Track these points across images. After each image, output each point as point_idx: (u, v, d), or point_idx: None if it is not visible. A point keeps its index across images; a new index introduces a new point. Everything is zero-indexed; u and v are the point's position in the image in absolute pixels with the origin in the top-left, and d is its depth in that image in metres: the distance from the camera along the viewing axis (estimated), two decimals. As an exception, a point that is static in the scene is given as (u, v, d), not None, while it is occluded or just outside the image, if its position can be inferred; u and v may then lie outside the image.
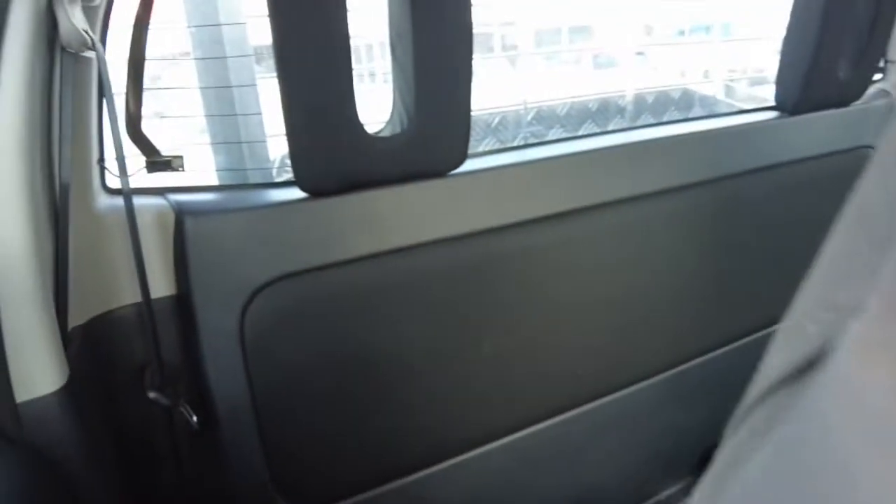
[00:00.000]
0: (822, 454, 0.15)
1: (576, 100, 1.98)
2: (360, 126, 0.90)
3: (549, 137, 1.60)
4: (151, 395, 0.90)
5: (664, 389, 1.39)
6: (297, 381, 0.99)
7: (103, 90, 0.81)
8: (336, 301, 0.98)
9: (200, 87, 1.09)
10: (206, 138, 1.11)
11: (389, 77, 0.96)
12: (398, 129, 0.95)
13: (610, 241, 1.21)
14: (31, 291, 0.70)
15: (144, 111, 0.89)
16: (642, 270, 1.27)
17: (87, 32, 0.73)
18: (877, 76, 1.57)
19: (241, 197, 0.96)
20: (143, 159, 0.88)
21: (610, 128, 1.65)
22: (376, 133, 0.97)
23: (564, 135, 1.72)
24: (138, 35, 0.84)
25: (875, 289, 0.15)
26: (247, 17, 1.11)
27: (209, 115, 1.10)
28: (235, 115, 1.09)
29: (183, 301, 0.91)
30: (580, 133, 1.61)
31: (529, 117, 1.84)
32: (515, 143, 1.68)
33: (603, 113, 2.02)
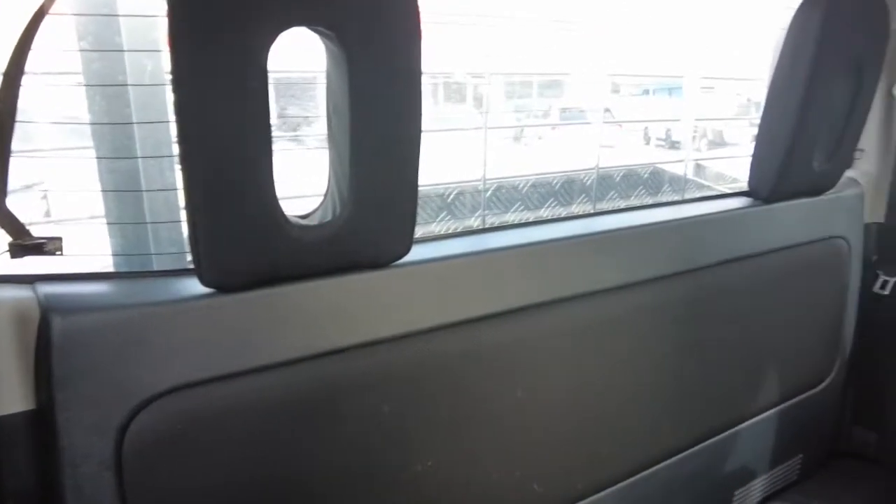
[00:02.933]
0: None
1: (539, 177, 1.89)
2: (279, 209, 0.76)
3: (509, 216, 1.49)
4: None
5: (634, 493, 1.25)
6: None
7: None
8: (245, 416, 0.81)
9: (97, 157, 0.93)
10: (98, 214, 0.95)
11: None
12: (329, 216, 0.81)
13: (568, 339, 1.08)
14: None
15: (16, 181, 0.73)
16: (602, 370, 1.15)
17: None
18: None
19: (128, 289, 0.79)
20: (4, 240, 0.72)
21: (574, 206, 1.56)
22: (302, 217, 0.83)
23: (525, 213, 1.62)
24: (8, 87, 0.69)
25: None
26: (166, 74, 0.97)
27: (104, 191, 0.94)
28: (137, 190, 0.93)
29: (42, 418, 0.73)
30: (542, 212, 1.51)
31: (489, 194, 1.74)
32: (473, 221, 1.57)
33: (567, 190, 1.94)
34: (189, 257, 1.04)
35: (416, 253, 0.91)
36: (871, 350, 1.70)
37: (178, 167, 0.97)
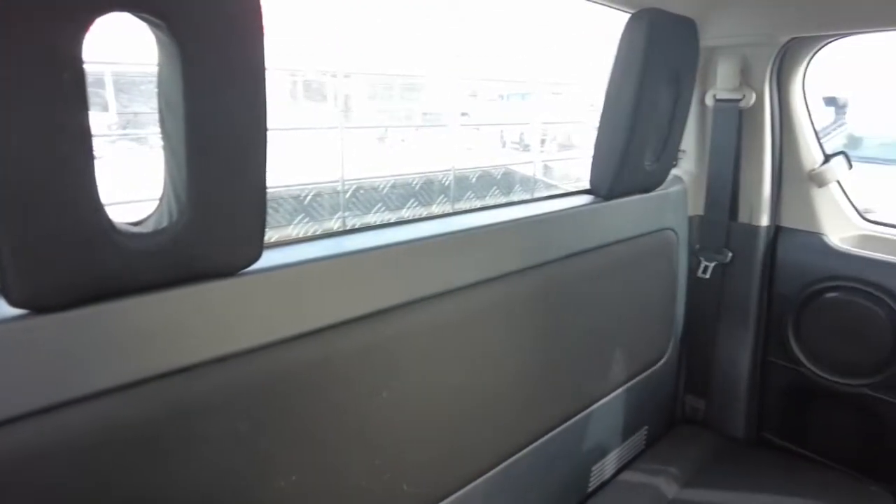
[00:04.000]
0: None
1: (399, 178, 1.89)
2: (103, 215, 0.68)
3: (370, 217, 1.48)
4: None
5: (499, 482, 1.30)
6: None
7: None
8: (71, 454, 0.71)
9: None
10: None
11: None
12: (165, 221, 0.75)
13: (431, 337, 1.09)
14: None
15: None
16: (466, 367, 1.17)
17: None
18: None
19: None
20: None
21: (434, 206, 1.59)
22: (134, 224, 0.75)
23: (387, 214, 1.62)
24: None
25: None
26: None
27: None
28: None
29: None
30: (403, 213, 1.51)
31: (348, 195, 1.71)
32: (333, 224, 1.54)
33: (427, 190, 1.97)
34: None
35: (269, 259, 0.87)
36: (697, 328, 1.92)
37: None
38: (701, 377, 1.95)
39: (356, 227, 1.08)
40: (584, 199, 1.47)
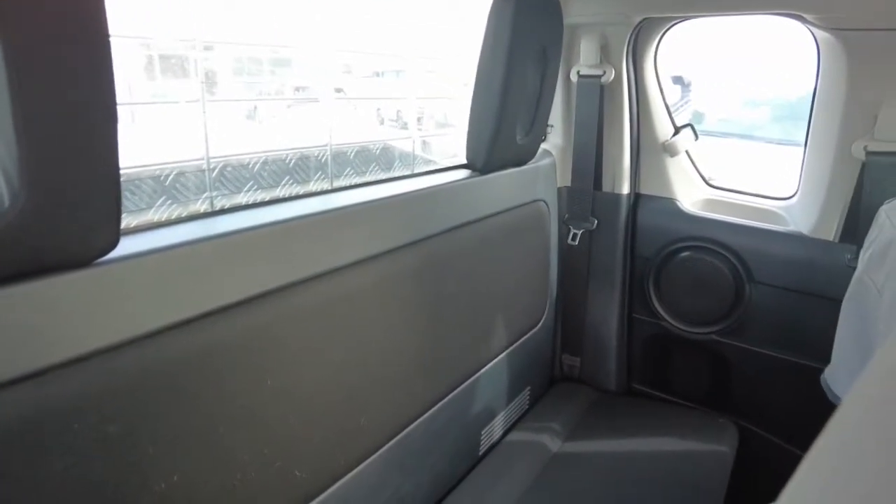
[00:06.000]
0: None
1: (270, 154, 1.81)
2: None
3: (241, 197, 1.40)
4: None
5: (389, 460, 1.31)
6: None
7: None
8: None
9: None
10: None
11: None
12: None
13: (312, 319, 1.07)
14: None
15: None
16: (353, 345, 1.16)
17: None
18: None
19: None
20: None
21: (311, 184, 1.54)
22: None
23: (260, 193, 1.54)
24: None
25: None
26: None
27: None
28: None
29: None
30: (278, 192, 1.45)
31: (215, 173, 1.60)
32: (199, 205, 1.44)
33: (303, 168, 1.90)
34: None
35: (128, 246, 0.80)
36: (570, 291, 2.05)
37: None
38: (575, 337, 2.09)
39: (226, 207, 1.01)
40: (462, 173, 1.50)
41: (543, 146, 1.88)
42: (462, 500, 1.52)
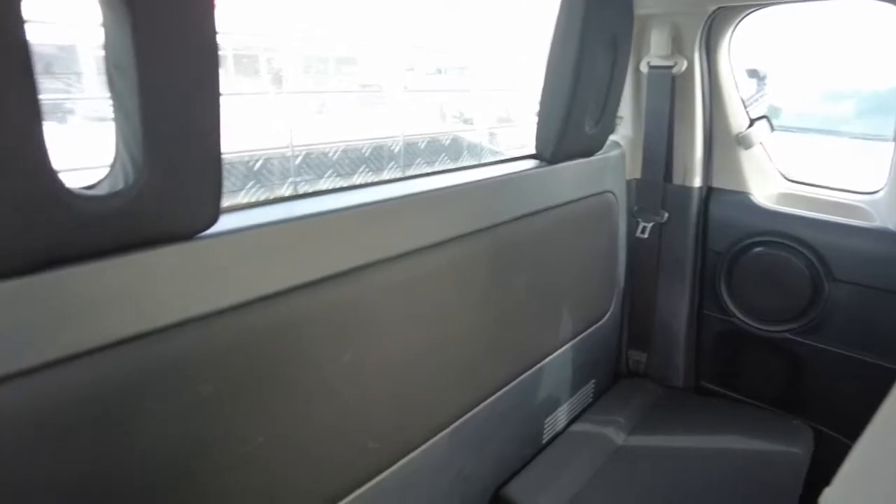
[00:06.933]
0: None
1: (348, 144, 1.89)
2: (56, 179, 0.67)
3: (322, 183, 1.48)
4: None
5: (456, 438, 1.35)
6: None
7: None
8: (30, 419, 0.71)
9: None
10: None
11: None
12: (120, 184, 0.74)
13: (385, 299, 1.12)
14: None
15: None
16: (421, 326, 1.21)
17: None
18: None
19: None
20: None
21: (385, 172, 1.60)
22: (88, 189, 0.74)
23: (338, 180, 1.62)
24: None
25: None
26: None
27: None
28: None
29: None
30: (355, 179, 1.52)
31: (298, 161, 1.70)
32: (284, 190, 1.53)
33: (377, 157, 1.98)
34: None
35: (225, 223, 0.87)
36: (638, 285, 2.03)
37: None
38: (642, 332, 2.07)
39: (309, 192, 1.08)
40: (530, 163, 1.52)
41: (613, 138, 1.87)
42: (525, 485, 1.54)
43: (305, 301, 0.98)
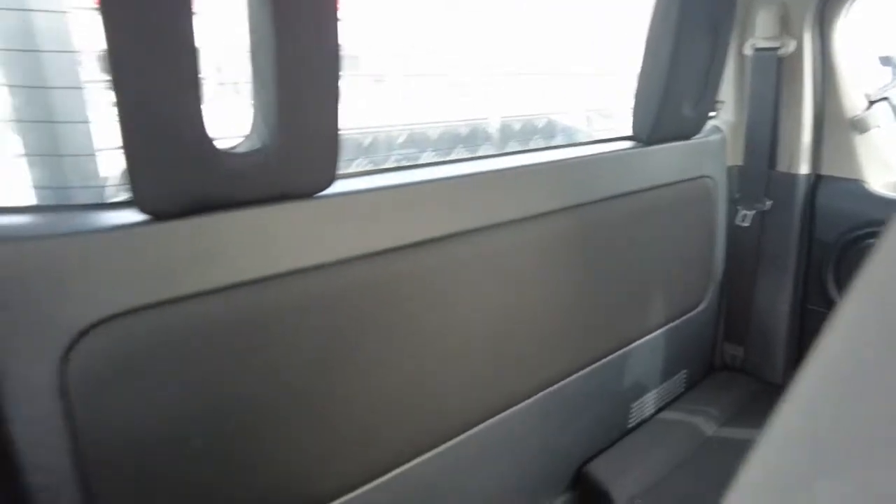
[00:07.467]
0: None
1: (447, 124, 1.98)
2: (209, 140, 0.79)
3: (422, 160, 1.57)
4: None
5: (541, 409, 1.39)
6: (137, 436, 0.82)
7: None
8: (184, 340, 0.84)
9: (7, 86, 0.90)
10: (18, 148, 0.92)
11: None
12: (257, 146, 0.85)
13: (482, 266, 1.19)
14: None
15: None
16: (515, 294, 1.26)
17: None
18: (711, 114, 1.76)
19: (62, 220, 0.79)
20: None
21: (479, 153, 1.67)
22: (231, 149, 0.86)
23: (437, 158, 1.71)
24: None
25: None
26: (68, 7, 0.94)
27: (20, 122, 0.91)
28: (54, 122, 0.91)
29: None
30: (451, 157, 1.60)
31: (401, 139, 1.81)
32: (388, 165, 1.64)
33: (472, 138, 2.05)
34: (107, 193, 1.04)
35: (339, 186, 0.97)
36: (736, 276, 1.96)
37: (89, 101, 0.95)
38: (740, 324, 2.00)
39: (410, 164, 1.17)
40: (626, 144, 1.53)
41: (713, 122, 1.83)
42: (609, 464, 1.55)
43: (403, 262, 1.06)
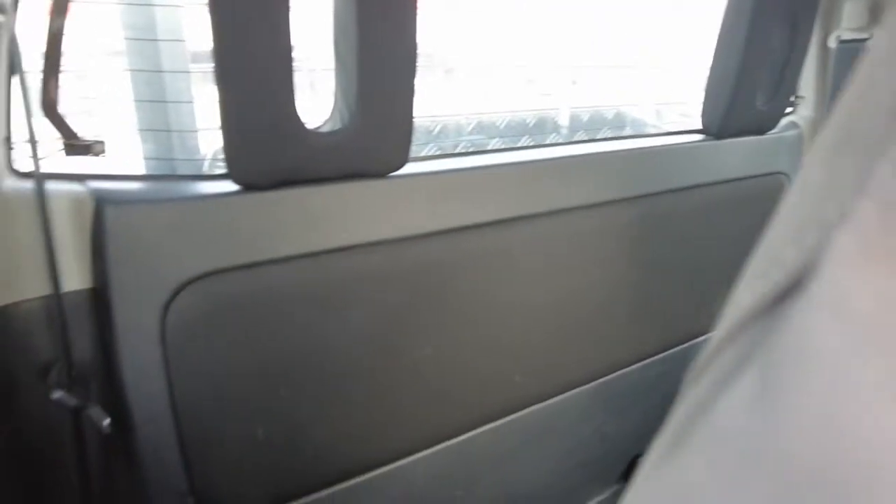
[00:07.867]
0: (813, 374, 0.15)
1: (515, 114, 2.02)
2: (299, 119, 0.88)
3: (490, 147, 1.63)
4: (56, 395, 0.83)
5: (595, 397, 1.42)
6: (221, 383, 0.93)
7: (13, 60, 0.74)
8: (265, 301, 0.94)
9: (130, 70, 1.02)
10: (134, 125, 1.05)
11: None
12: (338, 126, 0.93)
13: (544, 251, 1.23)
14: None
15: (66, 94, 0.82)
16: (575, 280, 1.30)
17: None
18: (788, 109, 1.71)
19: (167, 188, 0.90)
20: (59, 142, 0.81)
21: (546, 142, 1.71)
22: (316, 128, 0.95)
23: (504, 145, 1.76)
24: (58, 11, 0.78)
25: (864, 193, 0.14)
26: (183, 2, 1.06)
27: (138, 101, 1.04)
28: (165, 101, 1.03)
29: (99, 295, 0.84)
30: (519, 145, 1.65)
31: (470, 127, 1.87)
32: (457, 151, 1.71)
33: (540, 128, 2.08)
34: (206, 165, 1.16)
35: (410, 168, 1.04)
36: None
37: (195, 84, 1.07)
38: None
39: (482, 149, 1.23)
40: (695, 136, 1.52)
41: (790, 118, 1.77)
42: None
43: (469, 240, 1.12)
